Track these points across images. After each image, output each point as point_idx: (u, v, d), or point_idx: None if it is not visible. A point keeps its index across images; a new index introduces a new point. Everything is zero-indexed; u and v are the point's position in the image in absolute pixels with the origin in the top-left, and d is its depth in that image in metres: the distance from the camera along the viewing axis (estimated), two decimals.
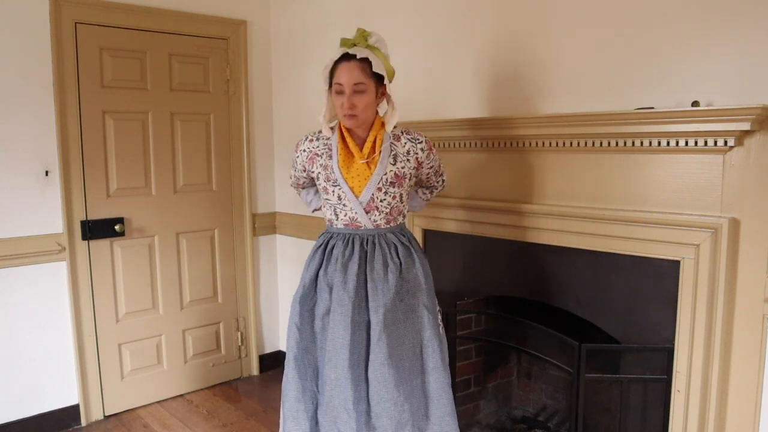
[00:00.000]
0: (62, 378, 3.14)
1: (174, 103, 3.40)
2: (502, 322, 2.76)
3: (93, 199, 3.15)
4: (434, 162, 2.13)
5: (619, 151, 2.06)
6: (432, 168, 2.14)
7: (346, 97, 1.91)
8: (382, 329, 1.91)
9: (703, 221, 1.88)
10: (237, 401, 3.50)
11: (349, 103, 1.91)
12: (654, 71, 2.01)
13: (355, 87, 1.91)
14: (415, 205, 2.35)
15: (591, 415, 2.43)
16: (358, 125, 1.99)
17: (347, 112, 1.93)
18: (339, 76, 1.93)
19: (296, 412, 2.05)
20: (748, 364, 1.87)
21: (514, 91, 2.43)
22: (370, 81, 1.94)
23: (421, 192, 2.30)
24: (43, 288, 3.04)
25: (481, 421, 2.91)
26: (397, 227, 2.06)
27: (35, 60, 2.91)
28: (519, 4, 2.39)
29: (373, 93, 1.96)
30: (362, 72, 1.92)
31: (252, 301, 3.83)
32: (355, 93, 1.91)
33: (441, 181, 2.27)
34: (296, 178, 2.24)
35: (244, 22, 3.62)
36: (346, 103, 1.92)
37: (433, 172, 2.17)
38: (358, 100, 1.92)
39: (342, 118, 1.97)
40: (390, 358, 1.91)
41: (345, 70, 1.92)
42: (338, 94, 1.94)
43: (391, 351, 1.92)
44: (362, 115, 1.95)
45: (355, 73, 1.91)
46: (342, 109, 1.94)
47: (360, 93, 1.92)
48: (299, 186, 2.30)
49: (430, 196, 2.32)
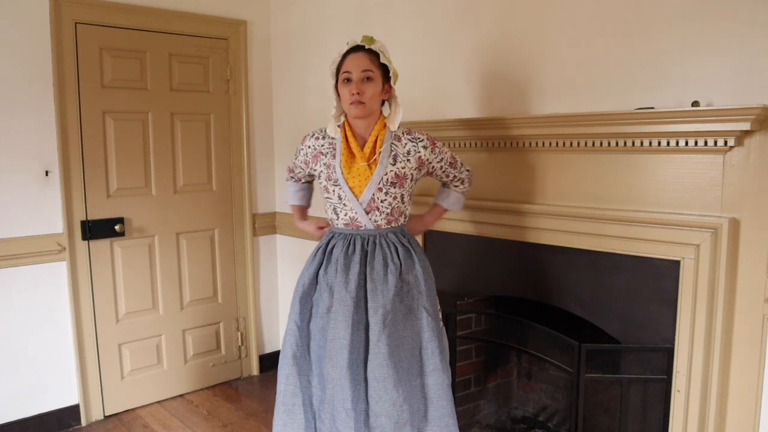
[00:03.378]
0: (62, 378, 3.14)
1: (174, 103, 3.40)
2: (502, 322, 2.76)
3: (93, 199, 3.15)
4: (443, 155, 2.12)
5: (619, 151, 2.06)
6: (444, 161, 2.12)
7: (354, 84, 1.95)
8: (381, 330, 1.92)
9: (703, 221, 1.88)
10: (237, 401, 3.50)
11: (357, 88, 1.94)
12: (654, 71, 2.01)
13: (363, 74, 1.95)
14: (453, 201, 2.26)
15: (591, 415, 2.43)
16: (364, 115, 1.99)
17: (355, 98, 1.94)
18: (347, 65, 1.98)
19: (292, 407, 2.07)
20: (748, 364, 1.87)
21: (514, 91, 2.43)
22: (378, 71, 1.98)
23: (453, 186, 2.24)
24: (43, 288, 3.04)
25: (481, 421, 2.91)
26: (398, 228, 2.06)
27: (35, 60, 2.91)
28: (519, 4, 2.39)
29: (380, 84, 1.99)
30: (370, 61, 1.97)
31: (252, 301, 3.83)
32: (363, 81, 1.95)
33: (465, 171, 2.23)
34: (294, 165, 2.28)
35: (244, 22, 3.62)
36: (354, 89, 1.94)
37: (449, 165, 2.15)
38: (366, 86, 1.95)
39: (349, 107, 1.98)
40: (389, 359, 1.91)
41: (353, 59, 1.97)
42: (346, 83, 1.97)
43: (391, 351, 1.92)
44: (369, 104, 1.97)
45: (363, 61, 1.96)
46: (350, 97, 1.95)
47: (368, 81, 1.96)
48: (291, 173, 2.34)
49: (463, 187, 2.25)
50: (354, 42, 2.01)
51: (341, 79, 1.99)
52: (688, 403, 1.96)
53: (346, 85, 1.97)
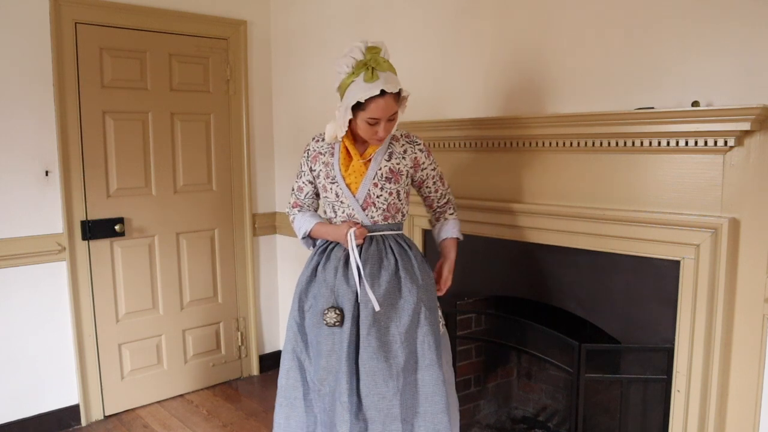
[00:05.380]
0: (62, 378, 3.14)
1: (174, 103, 3.40)
2: (502, 322, 2.76)
3: (93, 199, 3.15)
4: (434, 165, 2.13)
5: (619, 151, 2.06)
6: (435, 171, 2.14)
7: (382, 127, 1.93)
8: (371, 324, 1.94)
9: (703, 221, 1.88)
10: (237, 401, 3.50)
11: (384, 132, 1.93)
12: (654, 71, 2.01)
13: (390, 117, 1.93)
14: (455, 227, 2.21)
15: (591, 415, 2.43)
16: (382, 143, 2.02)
17: (381, 139, 1.96)
18: (375, 111, 1.89)
19: (293, 400, 2.09)
20: (748, 364, 1.87)
21: (514, 92, 2.43)
22: (397, 105, 1.95)
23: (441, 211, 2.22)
24: (44, 288, 3.04)
25: (481, 421, 2.91)
26: (394, 225, 2.08)
27: (35, 60, 2.91)
28: (519, 4, 2.39)
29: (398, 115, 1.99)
30: (394, 102, 1.92)
31: (252, 301, 3.83)
32: (388, 121, 1.93)
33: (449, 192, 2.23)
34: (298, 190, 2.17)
35: (244, 22, 3.62)
36: (382, 132, 1.93)
37: (438, 178, 2.16)
38: (390, 126, 1.95)
39: (371, 140, 1.98)
40: (378, 352, 1.93)
41: (382, 105, 1.88)
42: (371, 125, 1.93)
43: (380, 346, 1.94)
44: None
45: (390, 106, 1.91)
46: (375, 136, 1.95)
47: (392, 121, 1.95)
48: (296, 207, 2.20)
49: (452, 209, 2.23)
50: (377, 85, 1.86)
51: (366, 119, 1.91)
52: (688, 403, 1.96)
53: (371, 126, 1.93)
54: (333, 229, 2.06)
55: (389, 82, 1.87)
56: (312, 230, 2.13)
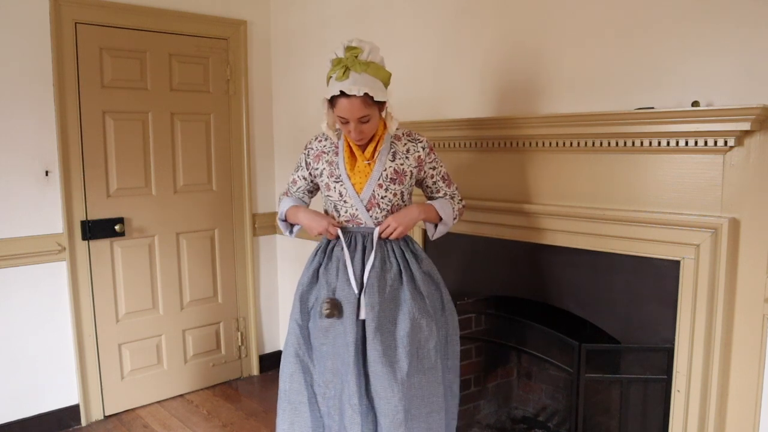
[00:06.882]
0: (62, 378, 3.14)
1: (174, 103, 3.40)
2: (502, 322, 2.75)
3: (93, 199, 3.15)
4: (436, 163, 2.11)
5: (619, 151, 2.06)
6: (436, 170, 2.11)
7: (353, 128, 1.91)
8: (376, 327, 1.93)
9: (703, 221, 1.88)
10: (237, 401, 3.50)
11: (356, 133, 1.92)
12: (654, 71, 2.01)
13: (360, 119, 1.90)
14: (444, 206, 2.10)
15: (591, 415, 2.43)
16: (365, 142, 2.01)
17: (356, 140, 1.95)
18: (341, 110, 1.87)
19: (298, 405, 2.06)
20: (748, 364, 1.87)
21: (515, 92, 2.43)
22: (374, 108, 1.90)
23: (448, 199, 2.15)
24: (43, 288, 3.04)
25: (481, 421, 2.91)
26: None
27: (35, 60, 2.91)
28: (519, 4, 2.39)
29: (378, 115, 1.95)
30: (364, 105, 1.86)
31: (252, 301, 3.83)
32: (361, 123, 1.91)
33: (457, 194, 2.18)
34: (292, 183, 2.21)
35: (244, 22, 3.62)
36: (354, 133, 1.92)
37: (440, 178, 2.13)
38: (365, 127, 1.92)
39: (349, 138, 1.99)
40: (383, 356, 1.92)
41: (347, 107, 1.85)
42: (343, 123, 1.93)
43: (385, 350, 1.93)
44: (369, 135, 1.97)
45: (357, 109, 1.86)
46: (349, 135, 1.96)
47: (365, 123, 1.91)
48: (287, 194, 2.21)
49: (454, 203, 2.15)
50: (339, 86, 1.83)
51: (337, 116, 1.90)
52: (688, 403, 1.96)
53: (343, 124, 1.92)
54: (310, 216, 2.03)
55: (357, 84, 1.83)
56: (287, 212, 2.12)
